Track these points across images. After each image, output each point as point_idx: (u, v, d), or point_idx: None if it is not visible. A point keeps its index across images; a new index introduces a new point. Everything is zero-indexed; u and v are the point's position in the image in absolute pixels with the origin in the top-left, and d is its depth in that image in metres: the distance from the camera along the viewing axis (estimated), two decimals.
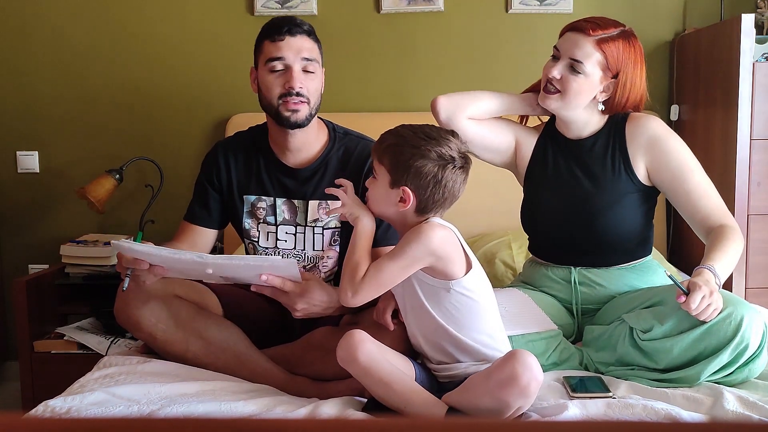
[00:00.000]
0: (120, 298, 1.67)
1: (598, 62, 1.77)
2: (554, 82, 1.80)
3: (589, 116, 1.85)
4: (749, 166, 2.41)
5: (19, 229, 2.98)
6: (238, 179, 1.90)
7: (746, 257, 2.43)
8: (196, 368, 1.65)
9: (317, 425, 0.52)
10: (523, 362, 1.31)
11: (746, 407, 1.44)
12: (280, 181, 1.88)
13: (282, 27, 1.78)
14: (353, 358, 1.41)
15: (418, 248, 1.44)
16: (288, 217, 1.87)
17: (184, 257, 1.55)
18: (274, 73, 1.79)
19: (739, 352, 1.54)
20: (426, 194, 1.47)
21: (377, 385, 1.42)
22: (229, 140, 1.99)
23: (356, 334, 1.43)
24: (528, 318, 1.74)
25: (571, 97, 1.79)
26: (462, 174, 1.49)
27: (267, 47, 1.79)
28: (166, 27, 2.91)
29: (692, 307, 1.50)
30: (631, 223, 1.82)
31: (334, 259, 1.87)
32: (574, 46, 1.77)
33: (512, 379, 1.30)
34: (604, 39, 1.76)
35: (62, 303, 2.70)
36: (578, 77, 1.77)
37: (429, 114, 2.99)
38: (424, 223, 1.48)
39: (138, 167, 2.86)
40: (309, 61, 1.80)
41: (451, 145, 1.48)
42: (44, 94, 2.93)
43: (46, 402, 1.45)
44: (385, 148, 1.51)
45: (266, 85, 1.80)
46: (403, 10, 2.88)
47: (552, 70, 1.79)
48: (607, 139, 1.85)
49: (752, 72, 2.38)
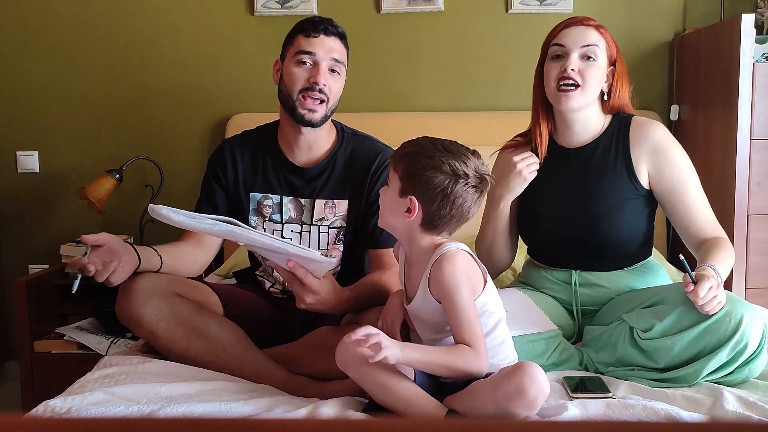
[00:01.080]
0: (121, 296, 1.67)
1: (605, 47, 1.79)
2: (573, 77, 1.75)
3: (593, 115, 1.84)
4: (749, 166, 2.41)
5: (19, 229, 2.98)
6: (244, 176, 1.91)
7: (746, 257, 2.43)
8: (196, 368, 1.65)
9: (317, 425, 0.52)
10: (531, 375, 1.30)
11: (746, 407, 1.44)
12: (287, 179, 1.89)
13: (318, 25, 1.81)
14: (351, 361, 1.40)
15: (462, 288, 1.40)
16: (294, 215, 1.88)
17: (223, 228, 1.52)
18: (301, 66, 1.81)
19: (739, 351, 1.54)
20: (433, 207, 1.43)
21: (376, 388, 1.41)
22: (236, 138, 1.99)
23: None
24: (528, 319, 1.74)
25: (590, 88, 1.77)
26: (475, 194, 1.44)
27: (300, 41, 1.82)
28: (166, 27, 2.91)
29: (700, 295, 1.49)
30: (633, 227, 1.81)
31: (338, 258, 1.88)
32: (581, 36, 1.77)
33: (519, 392, 1.29)
34: (599, 26, 1.80)
35: (62, 303, 2.70)
36: (594, 64, 1.77)
37: (428, 114, 3.00)
38: (443, 259, 1.42)
39: (138, 167, 2.86)
40: (337, 63, 1.82)
41: (468, 162, 1.43)
42: (44, 94, 2.93)
43: (46, 402, 1.45)
44: (401, 156, 1.48)
45: (290, 76, 1.82)
46: (403, 10, 2.88)
47: (567, 64, 1.76)
48: (608, 144, 1.83)
49: (752, 72, 2.38)
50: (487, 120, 2.84)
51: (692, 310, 1.57)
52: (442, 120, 2.86)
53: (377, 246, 1.84)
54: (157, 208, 1.51)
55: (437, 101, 2.94)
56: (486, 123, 2.82)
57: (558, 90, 1.78)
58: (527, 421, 1.18)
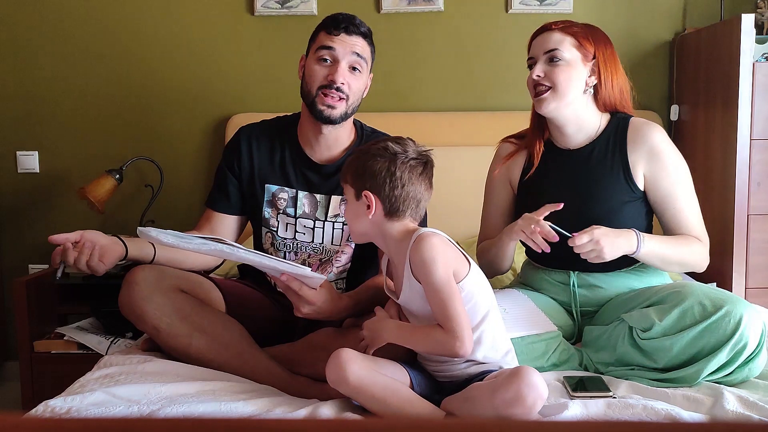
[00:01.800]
0: (124, 291, 1.67)
1: (572, 44, 1.79)
2: (542, 81, 1.79)
3: (583, 114, 1.83)
4: (749, 166, 2.41)
5: (19, 229, 2.98)
6: (260, 167, 1.91)
7: (746, 257, 2.43)
8: (196, 368, 1.65)
9: (317, 425, 0.52)
10: (529, 382, 1.29)
11: (746, 407, 1.44)
12: (304, 174, 1.89)
13: (341, 23, 1.80)
14: (342, 379, 1.39)
15: (437, 264, 1.40)
16: (308, 210, 1.88)
17: (212, 248, 1.52)
18: (321, 62, 1.80)
19: (738, 351, 1.54)
20: (386, 191, 1.47)
21: (371, 402, 1.40)
22: (254, 126, 1.98)
23: (343, 353, 1.40)
24: (528, 320, 1.73)
25: (563, 88, 1.78)
26: (419, 166, 1.49)
27: (321, 37, 1.81)
28: (167, 27, 2.91)
29: (576, 243, 1.63)
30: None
31: (349, 255, 1.88)
32: (543, 42, 1.80)
33: (517, 399, 1.29)
34: (567, 26, 1.81)
35: (62, 303, 2.70)
36: (559, 65, 1.78)
37: (428, 114, 3.01)
38: (419, 240, 1.43)
39: (138, 167, 2.87)
40: (359, 58, 1.81)
41: (402, 142, 1.50)
42: (44, 94, 2.93)
43: (46, 402, 1.45)
44: (345, 168, 1.55)
45: (310, 73, 1.82)
46: (403, 10, 2.88)
47: (533, 71, 1.80)
48: (606, 146, 1.83)
49: (752, 72, 2.38)
50: (486, 120, 2.84)
51: (692, 309, 1.58)
52: (442, 120, 2.87)
53: None
54: (145, 230, 1.53)
55: (437, 101, 2.94)
56: (486, 123, 2.82)
57: (534, 97, 1.83)
58: (527, 422, 1.18)
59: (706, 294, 1.61)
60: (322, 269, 1.87)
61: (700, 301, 1.58)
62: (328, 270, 1.88)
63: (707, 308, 1.57)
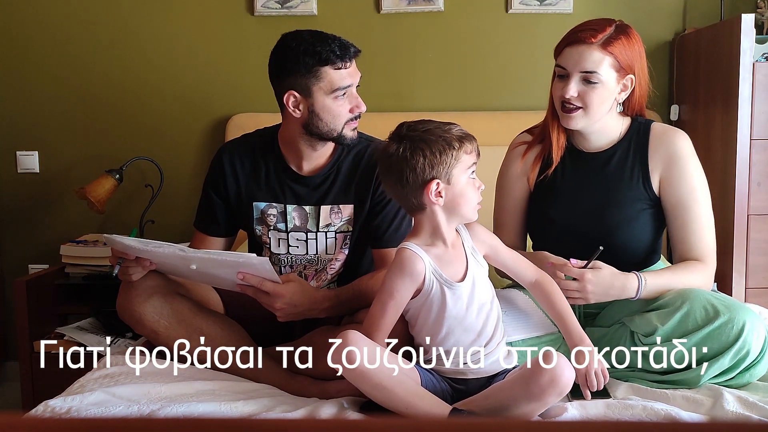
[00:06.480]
0: (122, 294, 1.68)
1: (611, 65, 1.70)
2: (573, 101, 1.72)
3: (608, 122, 1.80)
4: (749, 166, 2.41)
5: (19, 229, 2.98)
6: (246, 185, 1.87)
7: (746, 257, 2.43)
8: (196, 368, 1.65)
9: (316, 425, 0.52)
10: (561, 364, 1.34)
11: (746, 408, 1.44)
12: (291, 188, 1.85)
13: (344, 54, 1.72)
14: (348, 359, 1.35)
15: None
16: (299, 223, 1.85)
17: (167, 251, 1.59)
18: (338, 100, 1.75)
19: (741, 358, 1.54)
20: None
21: (375, 390, 1.39)
22: (235, 144, 1.93)
23: (350, 335, 1.37)
24: (529, 321, 1.73)
25: (595, 110, 1.72)
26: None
27: (330, 76, 1.72)
28: (166, 27, 2.91)
29: (561, 277, 1.63)
30: (646, 237, 1.80)
31: (342, 261, 1.87)
32: (581, 59, 1.70)
33: (552, 381, 1.33)
34: (607, 41, 1.69)
35: (62, 303, 2.70)
36: (596, 87, 1.70)
37: (428, 114, 2.99)
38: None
39: (138, 167, 2.86)
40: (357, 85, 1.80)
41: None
42: (44, 94, 2.93)
43: (46, 402, 1.45)
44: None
45: (332, 113, 1.75)
46: (403, 10, 2.88)
47: (566, 90, 1.72)
48: (627, 151, 1.80)
49: (752, 72, 2.37)
50: (486, 120, 2.83)
51: (694, 314, 1.57)
52: (441, 120, 2.86)
53: (381, 246, 1.84)
54: (111, 237, 1.60)
55: (437, 101, 2.94)
56: (486, 123, 2.81)
57: (562, 110, 1.76)
58: (527, 422, 1.18)
59: (708, 299, 1.60)
60: (317, 279, 1.87)
61: (703, 306, 1.58)
62: (323, 279, 1.87)
63: (709, 313, 1.56)
